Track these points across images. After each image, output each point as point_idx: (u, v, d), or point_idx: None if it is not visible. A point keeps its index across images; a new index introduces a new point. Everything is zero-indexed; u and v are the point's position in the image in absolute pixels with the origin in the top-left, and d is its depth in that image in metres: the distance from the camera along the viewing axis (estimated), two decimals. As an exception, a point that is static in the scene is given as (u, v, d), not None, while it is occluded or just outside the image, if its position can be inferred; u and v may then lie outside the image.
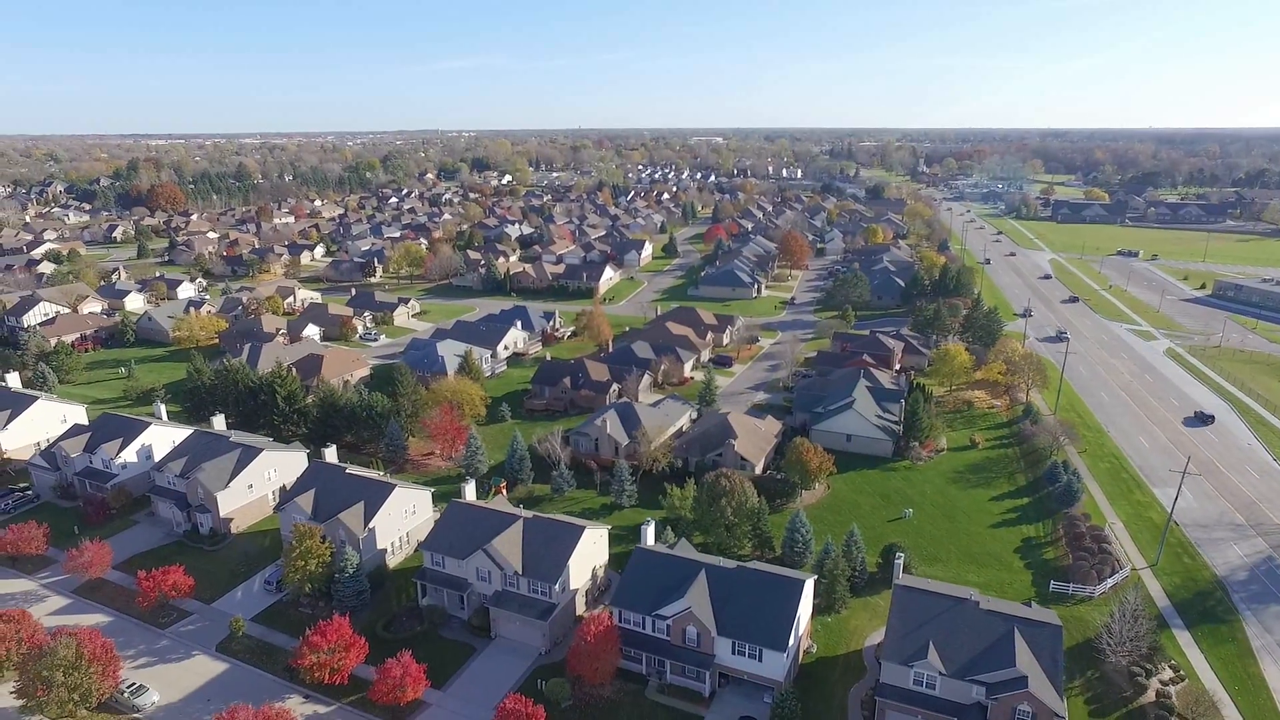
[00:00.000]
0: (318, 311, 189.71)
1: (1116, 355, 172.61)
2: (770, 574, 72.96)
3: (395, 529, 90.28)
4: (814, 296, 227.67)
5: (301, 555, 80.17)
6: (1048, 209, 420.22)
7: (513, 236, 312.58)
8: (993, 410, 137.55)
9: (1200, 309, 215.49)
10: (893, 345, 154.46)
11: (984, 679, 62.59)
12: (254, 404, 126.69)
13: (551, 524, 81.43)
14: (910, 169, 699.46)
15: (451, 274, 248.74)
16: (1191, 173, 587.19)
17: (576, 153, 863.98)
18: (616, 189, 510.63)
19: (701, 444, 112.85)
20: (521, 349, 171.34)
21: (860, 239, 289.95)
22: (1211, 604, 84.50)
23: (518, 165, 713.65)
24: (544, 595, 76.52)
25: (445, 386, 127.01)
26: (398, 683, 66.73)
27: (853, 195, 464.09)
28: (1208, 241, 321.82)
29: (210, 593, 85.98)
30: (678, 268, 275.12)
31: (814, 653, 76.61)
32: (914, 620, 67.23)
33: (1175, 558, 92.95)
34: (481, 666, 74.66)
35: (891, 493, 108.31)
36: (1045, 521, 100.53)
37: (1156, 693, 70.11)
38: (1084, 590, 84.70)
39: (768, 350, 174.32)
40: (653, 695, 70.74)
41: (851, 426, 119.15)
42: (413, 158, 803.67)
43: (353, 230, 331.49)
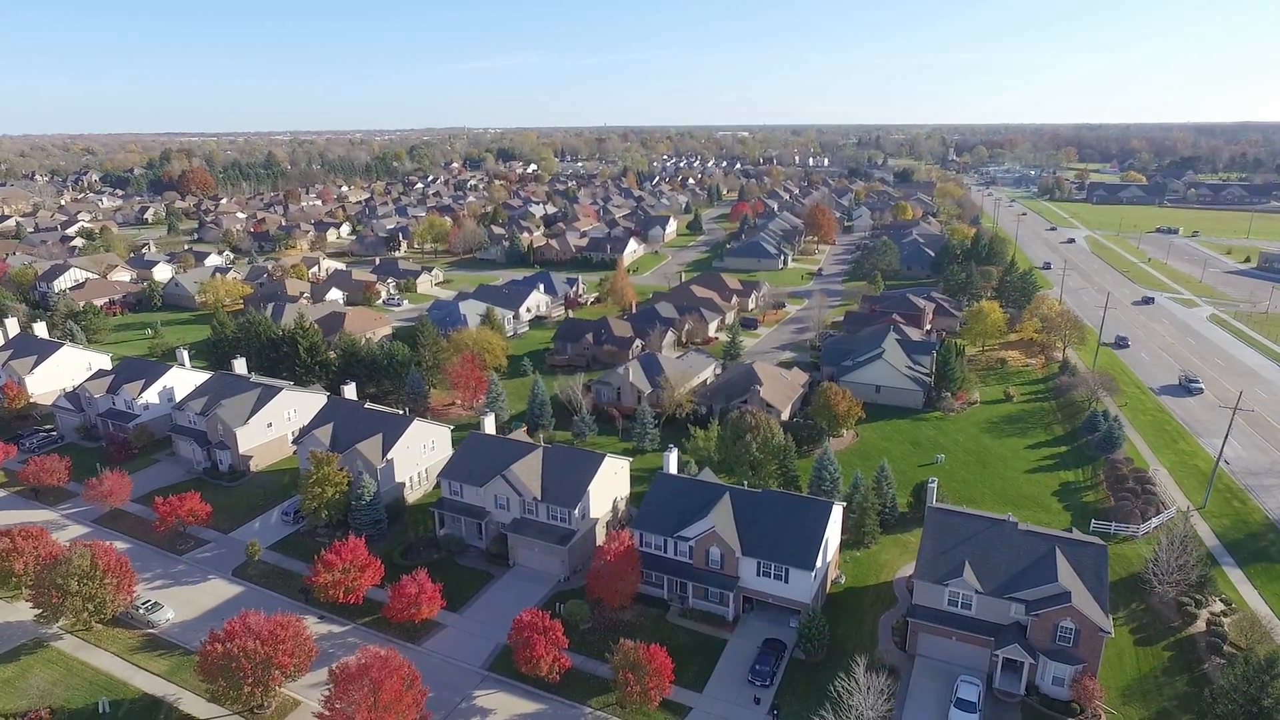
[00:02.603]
0: (341, 278, 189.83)
1: (1157, 320, 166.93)
2: (797, 496, 70.38)
3: (414, 463, 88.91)
4: (841, 269, 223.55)
5: (318, 482, 79.06)
6: (1082, 191, 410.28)
7: (537, 215, 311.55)
8: (1027, 368, 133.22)
9: (1245, 280, 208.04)
10: (923, 305, 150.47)
11: (1023, 596, 59.47)
12: (276, 356, 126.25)
13: (571, 452, 79.49)
14: (940, 158, 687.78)
15: (476, 248, 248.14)
16: (1233, 158, 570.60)
17: (602, 144, 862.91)
18: (641, 175, 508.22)
19: (726, 392, 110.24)
20: (544, 312, 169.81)
21: (889, 215, 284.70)
22: (1265, 544, 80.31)
23: (543, 155, 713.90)
24: (563, 521, 74.56)
25: (466, 336, 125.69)
26: (413, 600, 65.15)
27: (881, 179, 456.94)
28: (1251, 220, 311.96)
29: (228, 524, 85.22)
30: (703, 244, 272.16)
31: (842, 583, 73.82)
32: (949, 540, 64.24)
33: (1224, 501, 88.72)
34: (498, 592, 72.93)
35: (923, 440, 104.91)
36: (1085, 467, 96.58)
37: (1207, 623, 66.45)
38: (1127, 529, 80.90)
39: (794, 315, 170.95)
40: (674, 619, 68.50)
41: (881, 377, 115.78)
42: (439, 149, 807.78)
43: (378, 211, 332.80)
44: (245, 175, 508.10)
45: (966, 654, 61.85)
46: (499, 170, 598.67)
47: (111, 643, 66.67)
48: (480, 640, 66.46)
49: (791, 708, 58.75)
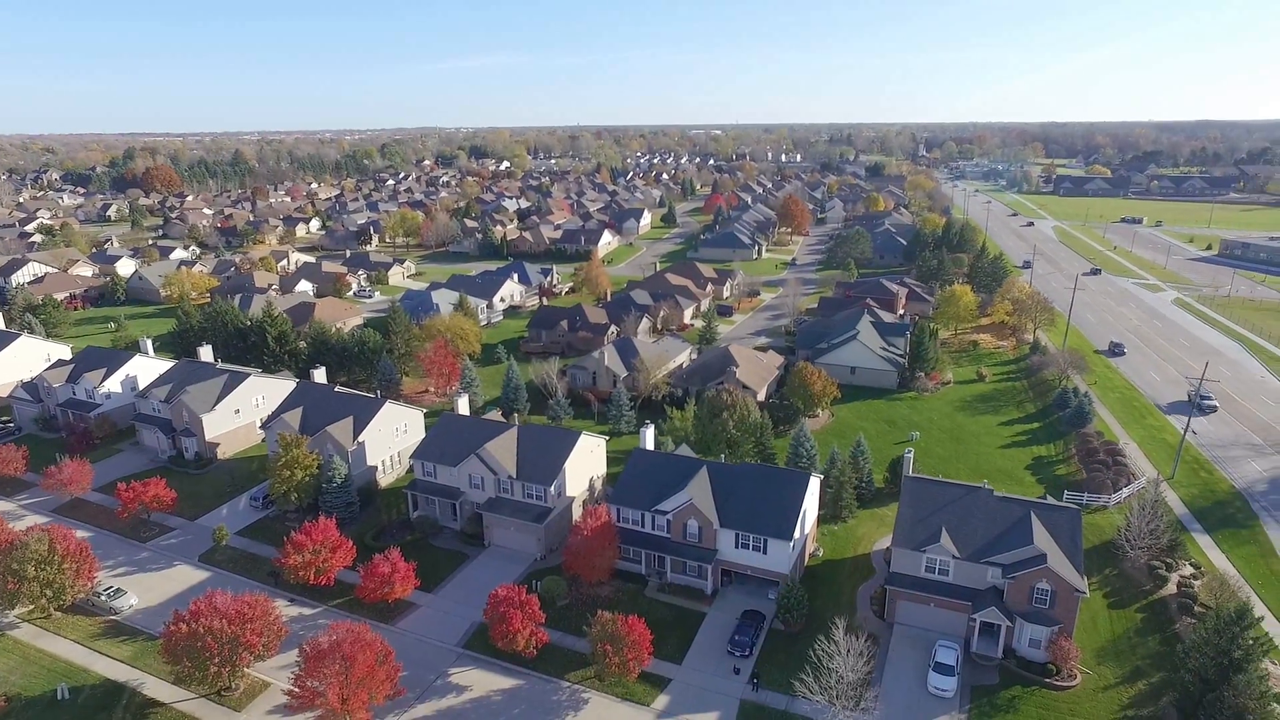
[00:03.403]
0: (311, 270, 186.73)
1: (1124, 304, 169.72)
2: (775, 468, 70.15)
3: (386, 446, 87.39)
4: (815, 259, 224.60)
5: (287, 465, 77.31)
6: (1049, 184, 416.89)
7: (510, 209, 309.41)
8: (999, 350, 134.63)
9: (1207, 266, 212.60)
10: (897, 290, 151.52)
11: (1000, 559, 59.72)
12: (243, 345, 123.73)
13: (546, 430, 78.60)
14: (910, 154, 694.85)
15: (448, 241, 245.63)
16: (1193, 153, 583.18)
17: (575, 142, 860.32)
18: (615, 170, 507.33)
19: (702, 374, 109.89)
20: (518, 302, 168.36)
21: (861, 207, 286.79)
22: (1231, 511, 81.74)
23: (516, 152, 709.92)
24: (539, 500, 73.61)
25: (439, 322, 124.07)
26: (386, 579, 63.86)
27: (853, 173, 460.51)
28: (1211, 211, 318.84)
29: (194, 511, 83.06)
30: (677, 236, 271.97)
31: (820, 556, 73.72)
32: (926, 508, 64.36)
33: (1192, 472, 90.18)
34: (474, 572, 71.82)
35: (898, 419, 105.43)
36: (1056, 442, 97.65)
37: (1178, 585, 67.29)
38: (1099, 499, 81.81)
39: (769, 303, 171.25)
40: (653, 594, 67.87)
41: (856, 358, 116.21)
42: (411, 147, 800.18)
43: (348, 207, 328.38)
44: (212, 173, 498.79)
45: (945, 620, 61.97)
46: (472, 167, 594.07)
47: (71, 630, 64.55)
48: (455, 619, 65.34)
49: (771, 676, 58.42)
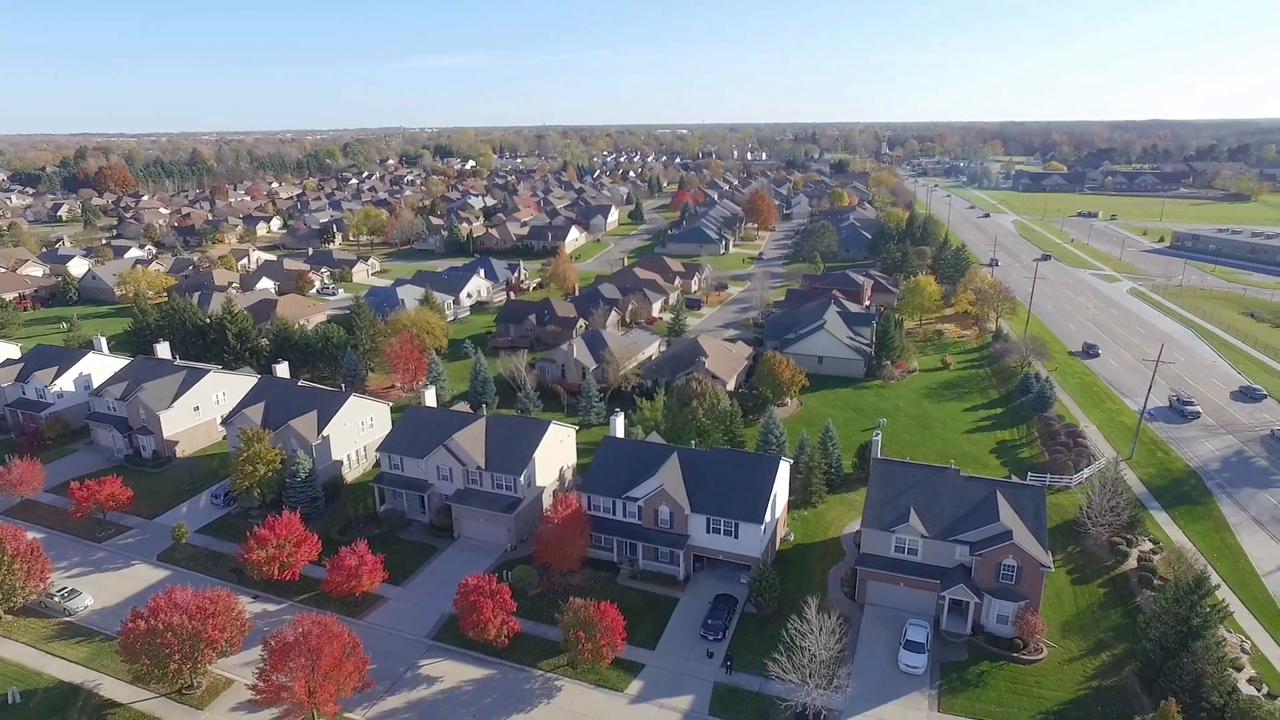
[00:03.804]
0: (273, 268, 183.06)
1: (1082, 294, 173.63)
2: (745, 453, 70.36)
3: (351, 440, 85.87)
4: (782, 253, 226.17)
5: (249, 460, 75.54)
6: (1009, 179, 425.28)
7: (476, 207, 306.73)
8: (963, 339, 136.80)
9: (1160, 257, 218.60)
10: (862, 282, 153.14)
11: (967, 538, 60.48)
12: (203, 343, 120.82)
13: (515, 420, 77.91)
14: (874, 151, 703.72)
15: (413, 238, 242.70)
16: (1145, 150, 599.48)
17: (541, 141, 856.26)
18: (581, 169, 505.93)
19: (671, 365, 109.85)
20: (485, 298, 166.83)
21: (826, 202, 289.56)
22: (1186, 489, 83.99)
23: (481, 151, 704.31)
24: (509, 490, 72.87)
25: (405, 317, 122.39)
26: (353, 572, 62.70)
27: (818, 170, 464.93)
28: (1163, 205, 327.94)
29: (153, 510, 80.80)
30: (645, 232, 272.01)
31: (791, 541, 74.08)
32: (894, 489, 64.97)
33: (1149, 453, 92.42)
34: (443, 564, 70.86)
35: (865, 407, 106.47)
36: (1019, 426, 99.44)
37: (1138, 560, 68.86)
38: (1061, 480, 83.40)
39: (737, 296, 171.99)
40: (625, 581, 67.56)
41: (823, 348, 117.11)
42: (374, 146, 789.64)
43: (310, 205, 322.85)
44: (168, 173, 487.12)
45: (914, 599, 62.60)
46: (437, 166, 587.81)
47: (23, 633, 62.34)
48: (425, 611, 64.40)
49: (744, 659, 58.51)
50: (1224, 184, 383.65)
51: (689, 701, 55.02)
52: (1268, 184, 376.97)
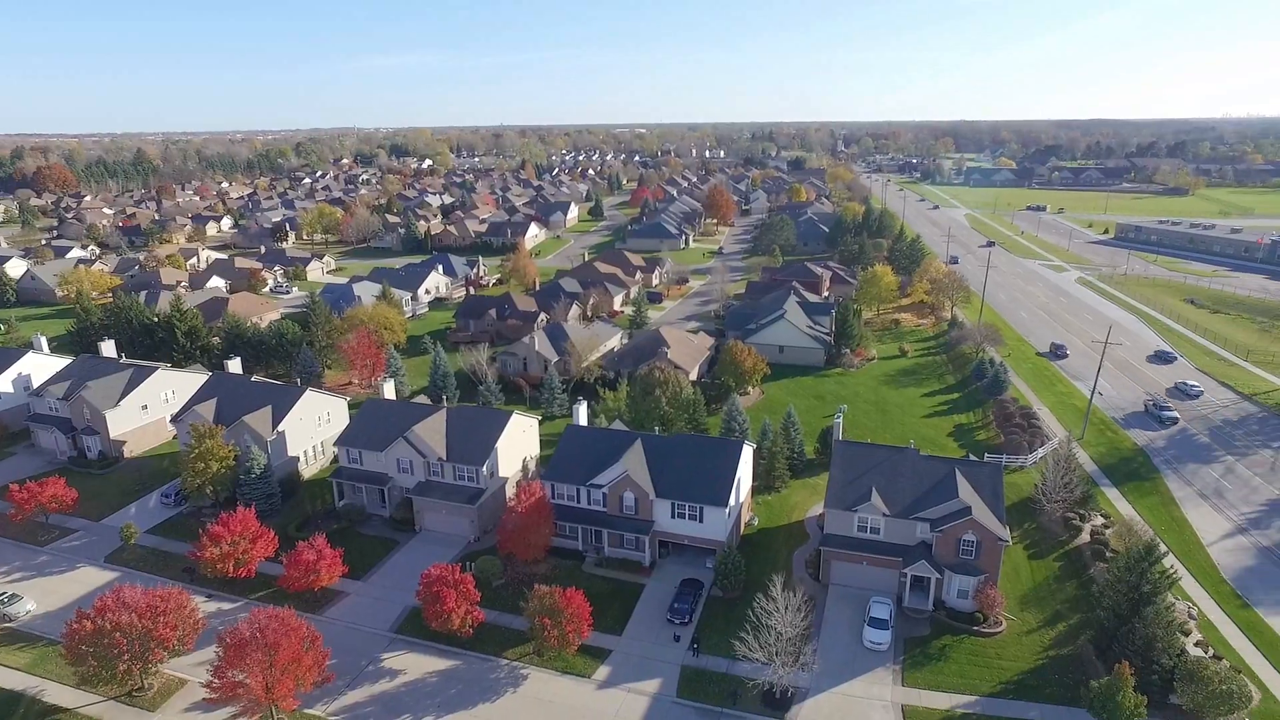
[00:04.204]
0: (224, 266, 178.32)
1: (1033, 284, 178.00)
2: (709, 438, 70.51)
3: (308, 436, 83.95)
4: (742, 247, 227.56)
5: (201, 457, 73.35)
6: (960, 175, 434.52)
7: (434, 205, 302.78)
8: (919, 327, 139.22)
9: (1105, 249, 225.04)
10: (821, 273, 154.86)
11: (928, 515, 61.40)
12: (150, 342, 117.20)
13: (477, 411, 77.06)
14: (829, 149, 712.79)
15: (370, 236, 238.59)
16: (1089, 147, 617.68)
17: (499, 140, 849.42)
18: (540, 167, 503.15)
19: (634, 356, 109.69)
20: (444, 294, 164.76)
21: (784, 197, 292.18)
22: (1135, 466, 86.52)
23: (438, 150, 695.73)
24: (471, 481, 71.94)
25: (361, 312, 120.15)
26: (312, 566, 61.24)
27: (775, 167, 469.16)
28: (1107, 199, 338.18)
29: (100, 512, 78.01)
30: (605, 228, 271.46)
31: (755, 525, 74.46)
32: (856, 470, 65.66)
33: (1099, 433, 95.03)
34: (405, 557, 69.66)
35: (826, 394, 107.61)
36: (976, 410, 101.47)
37: (1091, 534, 70.73)
38: (1017, 460, 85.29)
39: (697, 289, 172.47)
40: (590, 569, 67.21)
41: (784, 337, 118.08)
42: (328, 145, 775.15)
43: (262, 204, 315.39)
44: (112, 173, 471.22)
45: (877, 577, 63.36)
46: (393, 165, 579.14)
47: (-39, 640, 59.59)
48: (387, 604, 63.24)
49: (711, 641, 58.61)
50: (1163, 179, 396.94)
51: (657, 685, 54.91)
52: (1203, 179, 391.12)
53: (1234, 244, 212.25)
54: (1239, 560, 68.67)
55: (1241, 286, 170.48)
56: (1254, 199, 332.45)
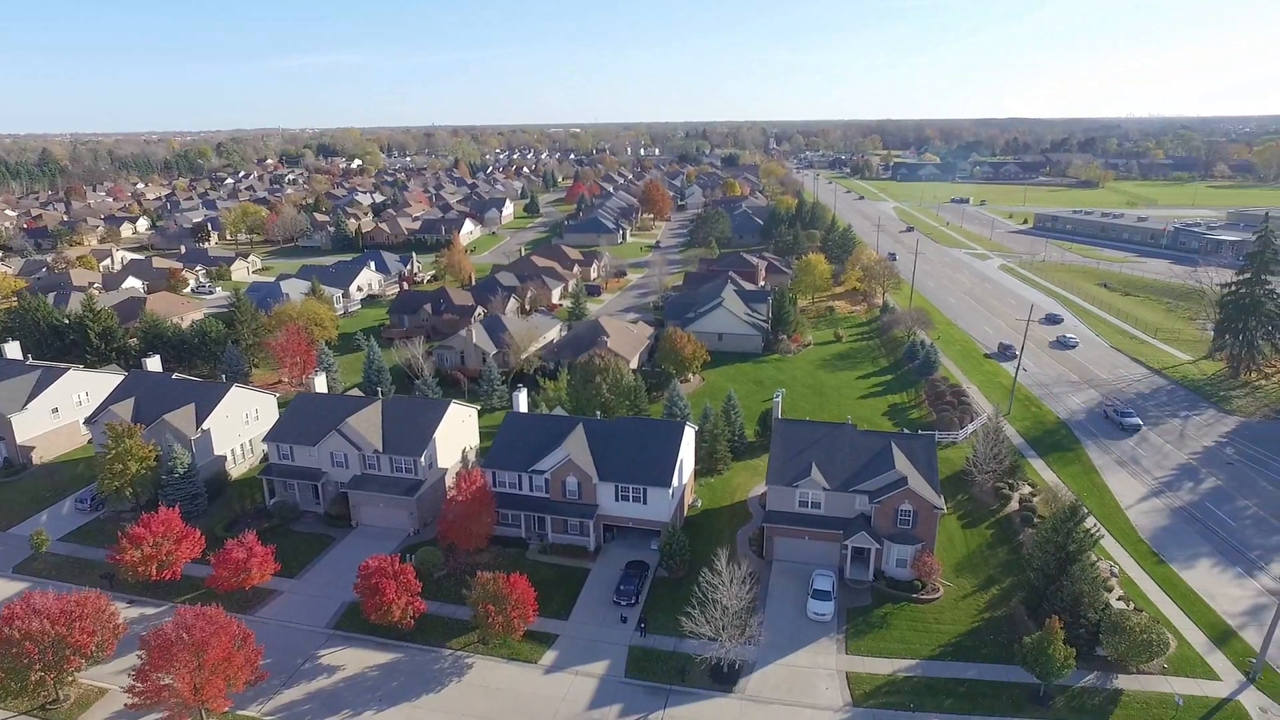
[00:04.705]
0: (141, 267, 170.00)
1: (959, 271, 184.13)
2: (650, 420, 70.53)
3: (236, 434, 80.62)
4: (679, 241, 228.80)
5: (119, 457, 69.63)
6: (888, 170, 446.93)
7: (364, 203, 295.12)
8: (853, 314, 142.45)
9: (1025, 237, 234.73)
10: (757, 263, 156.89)
11: (866, 487, 62.69)
12: (61, 344, 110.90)
13: (414, 401, 75.31)
14: (762, 146, 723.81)
15: (297, 235, 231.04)
16: (1007, 143, 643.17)
17: (431, 139, 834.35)
18: (474, 166, 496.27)
19: (574, 346, 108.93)
20: (377, 291, 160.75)
21: (719, 192, 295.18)
22: (1058, 438, 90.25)
23: (368, 149, 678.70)
24: (409, 472, 70.23)
25: (290, 308, 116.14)
26: (242, 565, 58.72)
27: (710, 163, 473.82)
28: (1025, 191, 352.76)
29: (6, 521, 73.38)
30: (541, 225, 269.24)
31: (699, 506, 74.83)
32: (796, 446, 66.57)
33: (1024, 408, 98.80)
34: (341, 553, 67.52)
35: (764, 380, 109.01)
36: (909, 390, 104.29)
37: (1020, 502, 73.42)
38: (949, 436, 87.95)
39: (636, 282, 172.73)
40: (534, 556, 66.40)
41: (722, 325, 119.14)
42: (251, 146, 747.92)
43: (181, 205, 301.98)
44: (14, 174, 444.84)
45: (819, 551, 64.39)
46: (321, 165, 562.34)
47: None
48: (323, 601, 61.18)
49: (658, 621, 58.56)
50: (1076, 172, 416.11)
51: (604, 666, 54.56)
52: (1112, 172, 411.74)
53: (1141, 232, 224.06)
54: (1154, 521, 72.33)
55: (1148, 271, 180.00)
56: (1157, 191, 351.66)
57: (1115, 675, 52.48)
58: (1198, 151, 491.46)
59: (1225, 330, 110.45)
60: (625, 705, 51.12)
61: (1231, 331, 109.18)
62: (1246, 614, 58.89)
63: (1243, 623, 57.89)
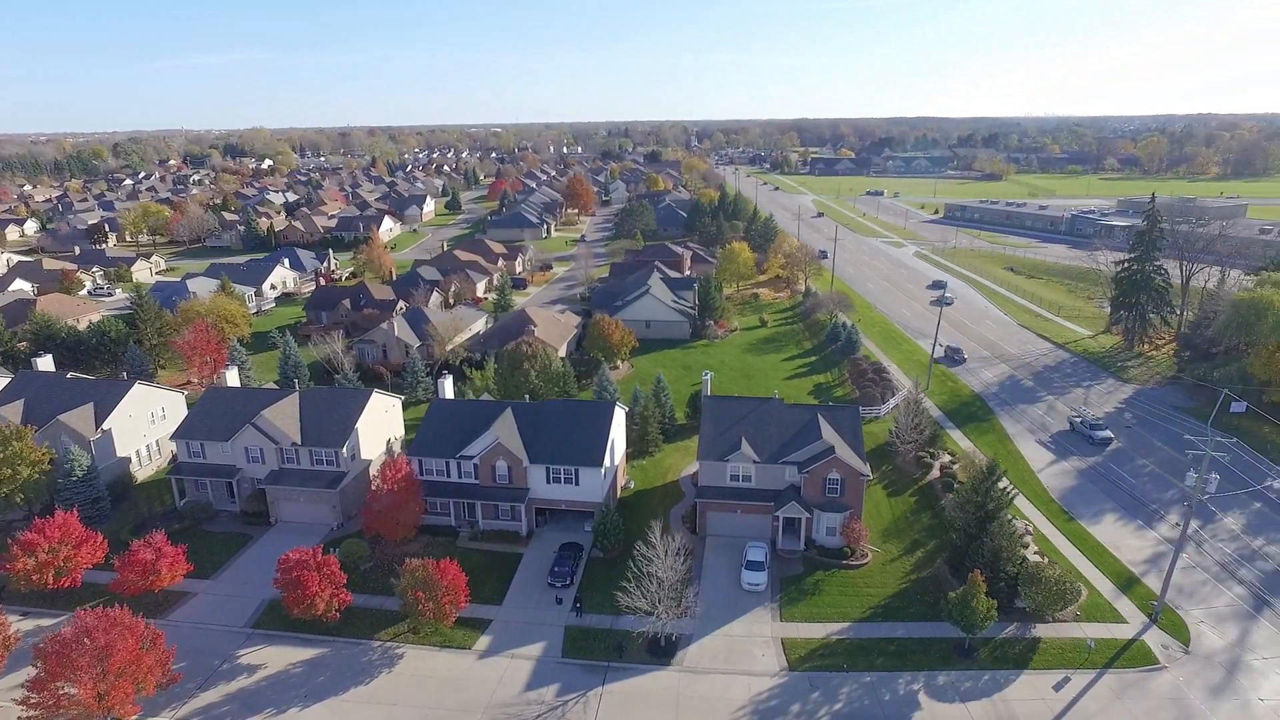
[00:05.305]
0: (30, 269, 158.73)
1: (876, 258, 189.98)
2: (580, 401, 69.94)
3: (140, 434, 76.05)
4: (604, 235, 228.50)
5: (8, 461, 64.57)
6: (806, 165, 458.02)
7: (277, 202, 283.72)
8: (777, 300, 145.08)
9: (936, 226, 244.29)
10: (681, 253, 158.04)
11: (795, 458, 63.71)
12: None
13: (334, 391, 72.65)
14: (684, 143, 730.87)
15: (204, 235, 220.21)
16: (917, 139, 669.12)
17: (346, 138, 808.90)
18: (392, 165, 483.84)
19: (500, 336, 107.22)
20: (292, 289, 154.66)
21: (643, 187, 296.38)
22: (973, 410, 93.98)
23: (279, 149, 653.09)
24: (331, 464, 67.66)
25: (198, 305, 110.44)
26: (150, 566, 55.24)
27: (633, 160, 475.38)
28: (935, 184, 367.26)
29: (-121, 538, 66.96)
30: (463, 221, 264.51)
31: (632, 488, 74.69)
32: (725, 422, 67.17)
33: (941, 383, 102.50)
34: (260, 552, 64.43)
35: (692, 364, 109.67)
36: (832, 370, 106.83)
37: (940, 469, 76.04)
38: (872, 411, 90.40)
39: (562, 275, 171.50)
40: (465, 544, 64.92)
41: (650, 312, 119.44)
42: (152, 146, 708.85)
43: (75, 206, 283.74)
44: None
45: (751, 524, 65.07)
46: (228, 165, 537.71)
47: None
48: (241, 600, 58.26)
49: (594, 600, 58.07)
50: (981, 166, 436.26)
51: (540, 648, 53.72)
52: (1014, 166, 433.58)
53: (1042, 219, 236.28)
54: (1063, 482, 76.10)
55: (1050, 255, 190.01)
56: (1055, 182, 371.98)
57: (1033, 625, 54.81)
58: (1089, 147, 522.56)
59: (1120, 306, 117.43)
60: (563, 684, 50.45)
61: (1125, 307, 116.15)
62: (1148, 562, 62.51)
63: (1145, 570, 61.41)
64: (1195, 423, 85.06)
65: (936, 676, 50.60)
